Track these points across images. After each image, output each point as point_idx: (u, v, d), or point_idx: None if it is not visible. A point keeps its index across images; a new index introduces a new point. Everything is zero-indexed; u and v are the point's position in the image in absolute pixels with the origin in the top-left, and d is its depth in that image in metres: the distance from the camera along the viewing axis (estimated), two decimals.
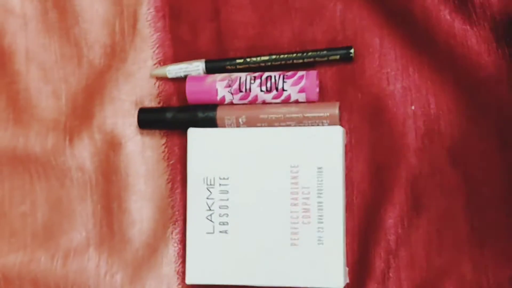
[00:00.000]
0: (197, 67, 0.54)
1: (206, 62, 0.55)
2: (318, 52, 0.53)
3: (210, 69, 0.54)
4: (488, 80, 0.51)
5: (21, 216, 0.57)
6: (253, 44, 0.55)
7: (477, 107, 0.52)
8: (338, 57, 0.53)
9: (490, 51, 0.51)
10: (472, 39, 0.51)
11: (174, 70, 0.55)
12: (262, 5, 0.55)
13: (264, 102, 0.53)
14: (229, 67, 0.54)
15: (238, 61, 0.54)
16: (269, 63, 0.53)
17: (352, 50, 0.53)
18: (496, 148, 0.51)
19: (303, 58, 0.53)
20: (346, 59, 0.53)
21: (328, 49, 0.53)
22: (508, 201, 0.51)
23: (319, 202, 0.51)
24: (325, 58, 0.53)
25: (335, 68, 0.54)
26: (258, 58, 0.53)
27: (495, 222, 0.51)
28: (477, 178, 0.52)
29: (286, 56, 0.53)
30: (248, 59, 0.54)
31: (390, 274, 0.52)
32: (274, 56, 0.53)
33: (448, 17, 0.51)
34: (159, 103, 0.56)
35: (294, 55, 0.53)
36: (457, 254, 0.52)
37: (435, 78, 0.52)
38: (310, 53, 0.53)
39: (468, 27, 0.51)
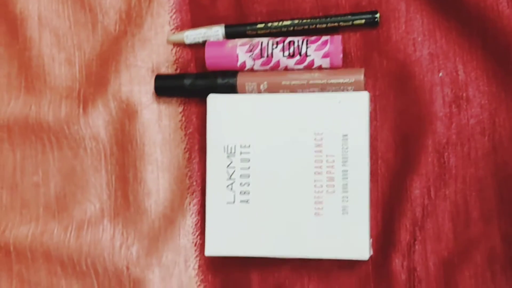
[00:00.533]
0: (216, 32, 0.53)
1: (225, 27, 0.53)
2: (342, 17, 0.51)
3: (230, 35, 0.53)
4: None
5: (33, 186, 0.55)
6: (274, 9, 0.53)
7: (507, 73, 0.50)
8: (363, 21, 0.51)
9: None
10: (503, 3, 0.50)
11: (192, 35, 0.53)
12: None
13: (286, 68, 0.51)
14: (249, 32, 0.52)
15: (259, 26, 0.52)
16: (291, 28, 0.52)
17: (377, 15, 0.51)
18: None
19: (326, 23, 0.51)
20: (371, 24, 0.51)
21: (352, 14, 0.51)
22: None
23: (344, 171, 0.49)
24: (350, 23, 0.51)
25: (359, 33, 0.52)
26: (280, 23, 0.52)
27: None
28: (506, 147, 0.50)
29: (309, 20, 0.51)
30: (269, 24, 0.52)
31: (416, 247, 0.51)
32: (296, 21, 0.52)
33: None
34: (176, 70, 0.54)
35: (318, 19, 0.51)
36: (485, 225, 0.50)
37: (463, 43, 0.51)
38: (333, 18, 0.51)
39: None
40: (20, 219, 0.55)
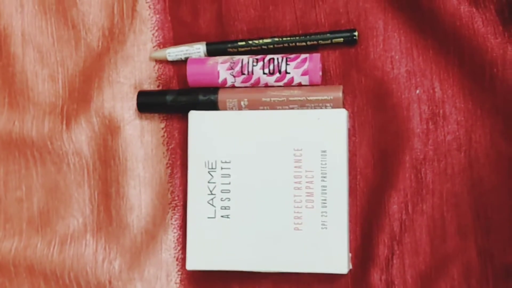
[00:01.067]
0: (197, 49, 0.53)
1: (207, 44, 0.53)
2: (322, 35, 0.52)
3: (212, 52, 0.53)
4: (494, 63, 0.50)
5: (16, 201, 0.56)
6: (255, 27, 0.54)
7: (482, 91, 0.51)
8: (341, 40, 0.52)
9: (496, 33, 0.50)
10: (478, 22, 0.51)
11: (174, 52, 0.54)
12: None
13: (266, 85, 0.52)
14: (230, 49, 0.53)
15: (240, 43, 0.53)
16: (272, 46, 0.53)
17: (356, 33, 0.52)
18: (501, 133, 0.51)
19: (306, 41, 0.52)
20: (350, 42, 0.52)
21: (331, 32, 0.52)
22: (511, 188, 0.51)
23: (323, 186, 0.50)
24: (329, 41, 0.52)
25: (338, 51, 0.53)
26: (261, 41, 0.53)
27: (500, 207, 0.51)
28: (481, 163, 0.51)
29: (289, 38, 0.52)
30: (250, 41, 0.53)
31: (394, 261, 0.51)
32: (276, 39, 0.52)
33: None
34: (158, 86, 0.55)
35: (297, 37, 0.52)
36: (461, 240, 0.51)
37: (440, 61, 0.52)
38: (313, 36, 0.52)
39: (474, 9, 0.51)
40: (4, 234, 0.55)
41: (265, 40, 0.53)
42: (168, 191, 0.54)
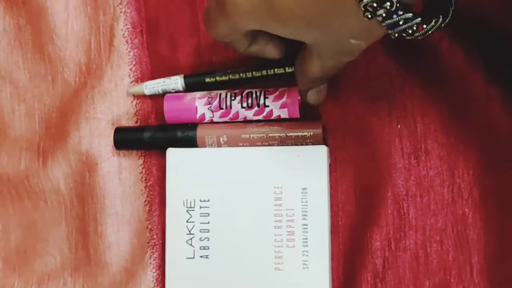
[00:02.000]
0: (175, 81, 0.52)
1: (184, 77, 0.53)
2: None
3: (189, 84, 0.52)
4: (476, 98, 0.50)
5: None
6: (233, 60, 0.53)
7: (464, 126, 0.50)
8: None
9: (478, 68, 0.50)
10: (460, 56, 0.50)
11: (152, 85, 0.53)
12: None
13: (245, 119, 0.51)
14: (208, 79, 0.52)
15: (217, 75, 0.52)
16: (250, 75, 0.51)
17: None
18: (484, 168, 0.50)
19: (285, 70, 0.51)
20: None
21: None
22: (499, 223, 0.50)
23: (304, 225, 0.49)
24: None
25: None
26: (240, 74, 0.52)
27: (484, 244, 0.50)
28: (464, 198, 0.50)
29: (266, 71, 0.51)
30: (228, 72, 0.52)
31: None
32: (255, 72, 0.51)
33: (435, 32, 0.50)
34: (136, 122, 0.54)
35: (274, 71, 0.51)
36: (446, 276, 0.50)
37: (421, 96, 0.51)
38: (290, 69, 0.51)
39: (456, 44, 0.50)
40: None
41: (243, 72, 0.51)
42: (147, 229, 0.53)
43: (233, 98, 0.51)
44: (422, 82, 0.51)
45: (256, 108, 0.51)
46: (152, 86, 0.53)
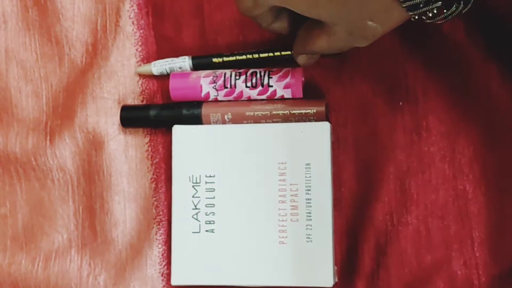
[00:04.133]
0: (183, 60, 0.53)
1: (192, 58, 0.53)
2: None
3: (197, 65, 0.53)
4: (477, 76, 0.51)
5: (1, 218, 0.55)
6: (237, 41, 0.54)
7: (465, 103, 0.51)
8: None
9: (479, 47, 0.51)
10: (461, 33, 0.51)
11: (160, 64, 0.54)
12: None
13: (249, 98, 0.52)
14: (216, 60, 0.53)
15: (225, 56, 0.53)
16: (257, 56, 0.52)
17: None
18: (483, 144, 0.51)
19: (291, 51, 0.52)
20: (335, 54, 0.52)
21: None
22: (499, 198, 0.51)
23: (307, 199, 0.50)
24: None
25: (323, 63, 0.53)
26: (246, 55, 0.53)
27: (484, 219, 0.51)
28: (465, 173, 0.51)
29: (273, 53, 0.52)
30: (235, 53, 0.53)
31: (380, 273, 0.52)
32: (261, 54, 0.52)
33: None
34: (142, 101, 0.55)
35: (281, 53, 0.52)
36: (447, 251, 0.51)
37: (422, 74, 0.52)
38: None
39: (458, 21, 0.51)
40: None
41: (250, 53, 0.52)
42: (153, 206, 0.54)
43: (237, 77, 0.52)
44: (424, 61, 0.52)
45: (260, 87, 0.52)
46: (160, 65, 0.54)
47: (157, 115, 0.53)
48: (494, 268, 0.51)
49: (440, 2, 0.38)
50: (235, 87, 0.52)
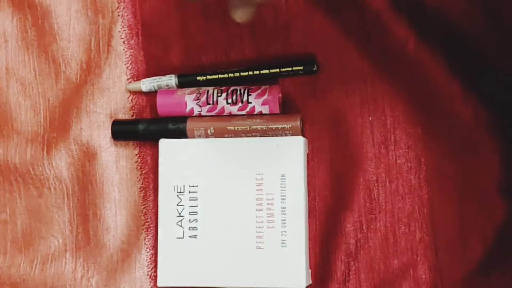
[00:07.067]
0: (169, 78, 0.57)
1: (178, 76, 0.57)
2: (283, 69, 0.56)
3: (182, 82, 0.57)
4: (439, 93, 0.55)
5: (1, 223, 0.59)
6: (220, 60, 0.58)
7: (429, 118, 0.55)
8: (302, 71, 0.56)
9: (442, 66, 0.55)
10: (425, 55, 0.55)
11: (149, 81, 0.58)
12: (227, 25, 0.58)
13: (230, 114, 0.56)
14: (200, 78, 0.57)
15: (208, 75, 0.57)
16: (238, 74, 0.56)
17: (315, 66, 0.56)
18: (447, 156, 0.55)
19: (269, 70, 0.56)
20: (310, 72, 0.56)
21: (292, 64, 0.56)
22: (461, 206, 0.55)
23: (282, 207, 0.54)
24: (290, 69, 0.56)
25: (299, 80, 0.57)
26: (227, 75, 0.56)
27: (448, 226, 0.55)
28: (431, 184, 0.55)
29: (252, 71, 0.56)
30: (218, 71, 0.57)
31: (351, 276, 0.55)
32: (242, 72, 0.56)
33: (402, 33, 0.55)
34: (132, 115, 0.59)
35: (260, 71, 0.56)
36: (413, 256, 0.55)
37: (391, 91, 0.56)
38: (274, 70, 0.56)
39: (421, 43, 0.55)
40: None
41: (231, 72, 0.56)
42: (142, 213, 0.58)
43: (219, 94, 0.56)
44: (391, 78, 0.56)
45: (240, 104, 0.56)
46: (149, 82, 0.58)
47: (145, 129, 0.57)
48: (457, 273, 0.54)
49: None
50: (217, 103, 0.56)
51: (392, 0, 0.55)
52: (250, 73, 0.56)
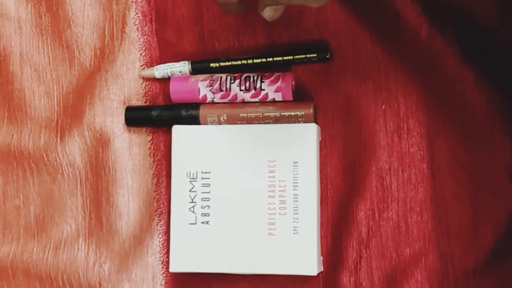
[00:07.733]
0: (183, 65, 0.57)
1: (191, 63, 0.58)
2: (296, 56, 0.56)
3: (196, 69, 0.58)
4: (452, 80, 0.55)
5: (14, 209, 0.60)
6: (233, 47, 0.58)
7: (443, 107, 0.55)
8: (315, 58, 0.56)
9: (454, 53, 0.54)
10: (438, 42, 0.55)
11: (162, 68, 0.58)
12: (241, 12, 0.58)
13: (243, 101, 0.56)
14: (213, 65, 0.57)
15: (222, 62, 0.57)
16: (251, 61, 0.56)
17: (328, 54, 0.56)
18: (460, 145, 0.55)
19: (282, 58, 0.56)
20: (323, 60, 0.56)
21: (305, 51, 0.56)
22: (473, 195, 0.55)
23: (294, 195, 0.54)
24: (303, 57, 0.56)
25: (312, 69, 0.57)
26: (240, 62, 0.57)
27: (460, 215, 0.55)
28: (443, 173, 0.55)
29: (266, 58, 0.56)
30: (231, 58, 0.57)
31: (362, 264, 0.55)
32: (255, 59, 0.56)
33: (415, 20, 0.55)
34: (145, 102, 0.59)
35: (273, 58, 0.56)
36: (424, 244, 0.55)
37: (404, 79, 0.56)
38: (288, 57, 0.56)
39: (435, 30, 0.55)
40: (3, 239, 0.60)
41: (244, 59, 0.57)
42: (154, 199, 0.59)
43: (232, 81, 0.56)
44: (405, 66, 0.56)
45: (253, 91, 0.56)
46: (162, 69, 0.58)
47: (158, 116, 0.57)
48: (468, 261, 0.54)
49: None
50: (230, 90, 0.56)
51: None
52: (263, 60, 0.57)
